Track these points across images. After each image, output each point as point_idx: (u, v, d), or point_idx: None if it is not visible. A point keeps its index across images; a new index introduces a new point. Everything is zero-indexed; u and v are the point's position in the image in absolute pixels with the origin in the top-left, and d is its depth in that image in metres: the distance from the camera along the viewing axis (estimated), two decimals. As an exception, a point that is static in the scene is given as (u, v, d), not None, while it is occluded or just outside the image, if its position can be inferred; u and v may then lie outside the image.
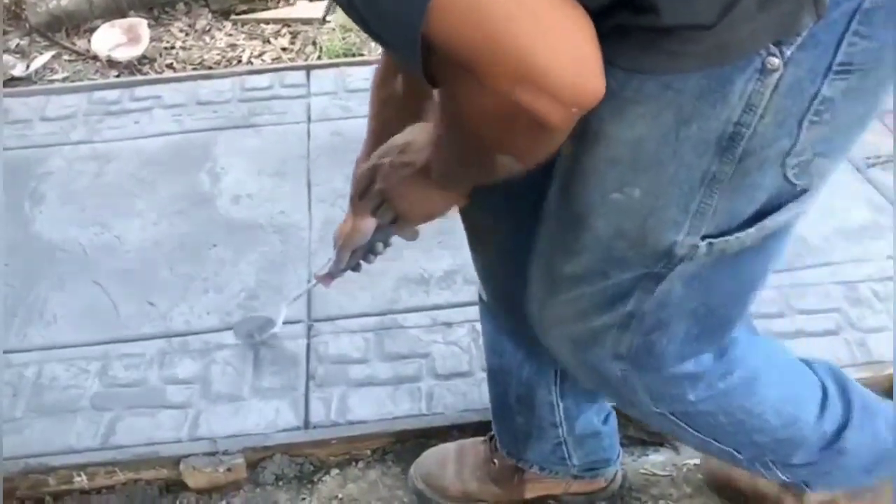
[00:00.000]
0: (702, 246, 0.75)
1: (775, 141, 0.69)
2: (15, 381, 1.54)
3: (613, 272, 0.80)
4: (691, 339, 0.88)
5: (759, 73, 0.65)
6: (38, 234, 1.87)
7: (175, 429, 1.45)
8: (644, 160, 0.71)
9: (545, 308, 0.90)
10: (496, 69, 0.59)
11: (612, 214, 0.75)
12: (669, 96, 0.67)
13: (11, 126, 2.18)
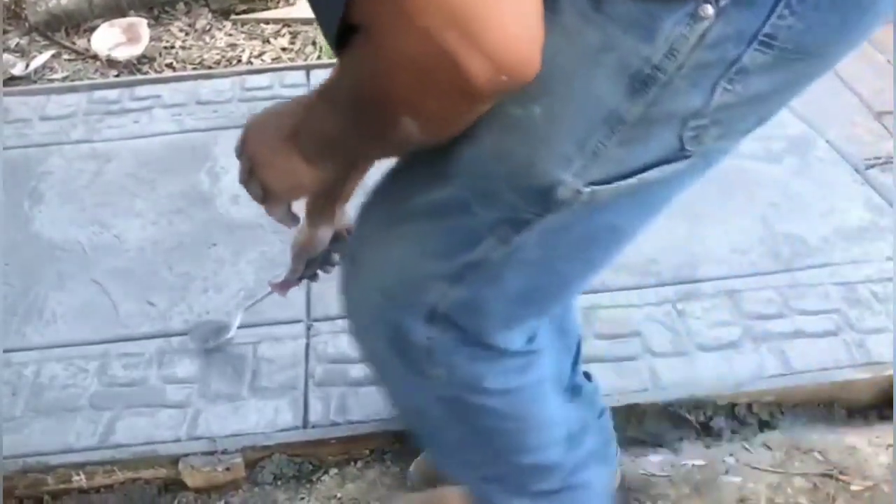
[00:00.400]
0: (584, 192, 0.70)
1: (686, 97, 0.67)
2: (14, 380, 1.54)
3: (476, 207, 0.72)
4: (521, 302, 0.81)
5: (690, 18, 0.62)
6: (37, 233, 1.87)
7: (174, 428, 1.45)
8: (554, 77, 0.65)
9: (369, 246, 0.81)
10: (431, 4, 0.54)
11: (504, 131, 0.68)
12: (598, 18, 0.63)
13: (11, 125, 2.18)
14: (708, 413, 1.49)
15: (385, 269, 0.80)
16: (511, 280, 0.78)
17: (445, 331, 0.82)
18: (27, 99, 2.28)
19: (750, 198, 1.89)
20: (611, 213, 0.75)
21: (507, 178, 0.70)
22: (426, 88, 0.60)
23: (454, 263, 0.76)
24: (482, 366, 0.86)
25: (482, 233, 0.74)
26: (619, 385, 1.51)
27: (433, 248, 0.76)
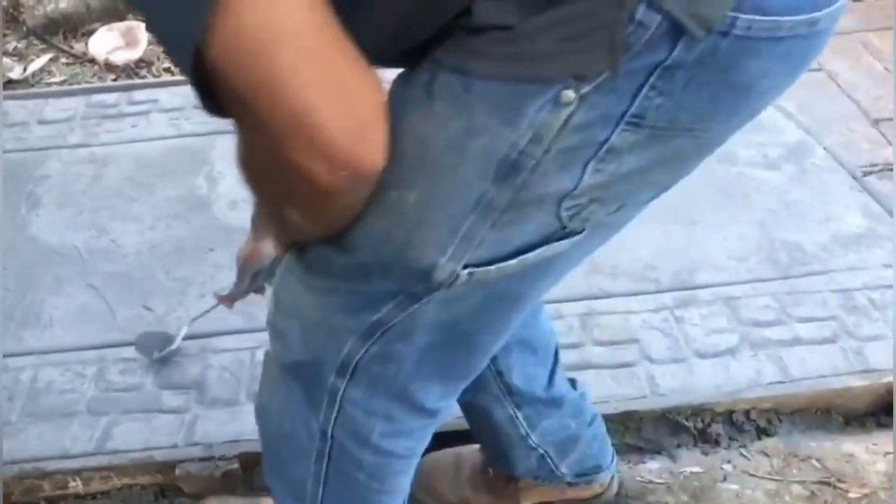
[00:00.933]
0: (462, 275, 0.71)
1: (556, 180, 0.67)
2: (11, 385, 1.54)
3: (375, 278, 0.74)
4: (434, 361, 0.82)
5: (553, 104, 0.62)
6: (34, 237, 1.86)
7: (171, 434, 1.45)
8: (426, 163, 0.67)
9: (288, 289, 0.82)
10: (271, 118, 0.55)
11: (384, 214, 0.69)
12: (466, 101, 0.64)
13: (9, 129, 2.18)
14: (706, 420, 1.49)
15: (304, 311, 0.81)
16: (420, 340, 0.79)
17: (356, 383, 0.83)
18: (25, 103, 2.28)
19: (748, 205, 1.89)
20: (507, 286, 0.76)
21: (392, 257, 0.71)
22: (288, 188, 0.62)
23: (362, 321, 0.77)
24: (378, 422, 0.87)
25: (384, 298, 0.75)
26: (617, 392, 1.51)
27: (343, 305, 0.78)
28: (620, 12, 0.58)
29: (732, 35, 0.60)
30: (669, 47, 0.60)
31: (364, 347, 0.79)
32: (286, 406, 0.90)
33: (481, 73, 0.63)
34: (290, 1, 0.53)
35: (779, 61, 0.65)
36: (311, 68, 0.54)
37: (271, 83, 0.54)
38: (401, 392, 0.84)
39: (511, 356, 1.14)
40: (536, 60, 0.61)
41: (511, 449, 1.22)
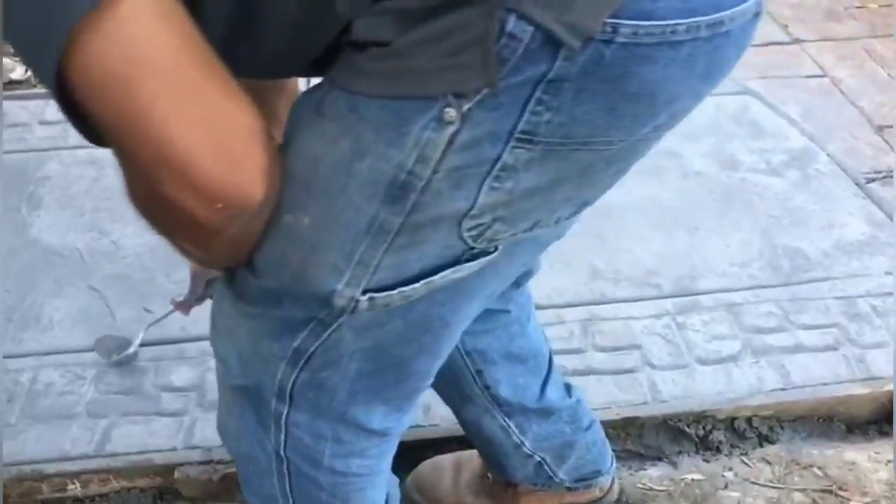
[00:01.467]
0: (362, 301, 0.69)
1: (451, 200, 0.64)
2: (10, 386, 1.53)
3: (286, 303, 0.72)
4: (368, 384, 0.80)
5: (436, 123, 0.60)
6: (35, 238, 1.86)
7: (170, 437, 1.44)
8: (317, 185, 0.65)
9: (222, 312, 0.81)
10: (137, 151, 0.54)
11: (280, 239, 0.68)
12: (352, 120, 0.62)
13: (10, 129, 2.18)
14: (707, 427, 1.49)
15: (237, 342, 0.80)
16: (349, 368, 0.77)
17: (297, 408, 0.81)
18: (26, 103, 2.27)
19: (750, 211, 1.89)
20: (426, 310, 0.74)
21: (293, 283, 0.70)
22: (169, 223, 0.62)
23: (286, 347, 0.76)
24: (327, 445, 0.86)
25: (297, 324, 0.73)
26: (619, 398, 1.50)
27: (268, 331, 0.76)
28: (490, 25, 0.56)
29: (617, 43, 0.57)
30: (549, 59, 0.57)
31: (294, 374, 0.77)
32: (240, 427, 0.88)
33: (365, 92, 0.61)
34: (153, 27, 0.52)
35: (680, 67, 0.61)
36: (173, 99, 0.53)
37: (132, 115, 0.52)
38: (342, 416, 0.83)
39: (497, 370, 1.13)
40: (416, 77, 0.59)
41: (507, 457, 1.22)
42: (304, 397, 0.80)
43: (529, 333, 1.16)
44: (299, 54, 0.65)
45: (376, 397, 0.83)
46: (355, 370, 0.77)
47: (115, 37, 0.51)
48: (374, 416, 0.84)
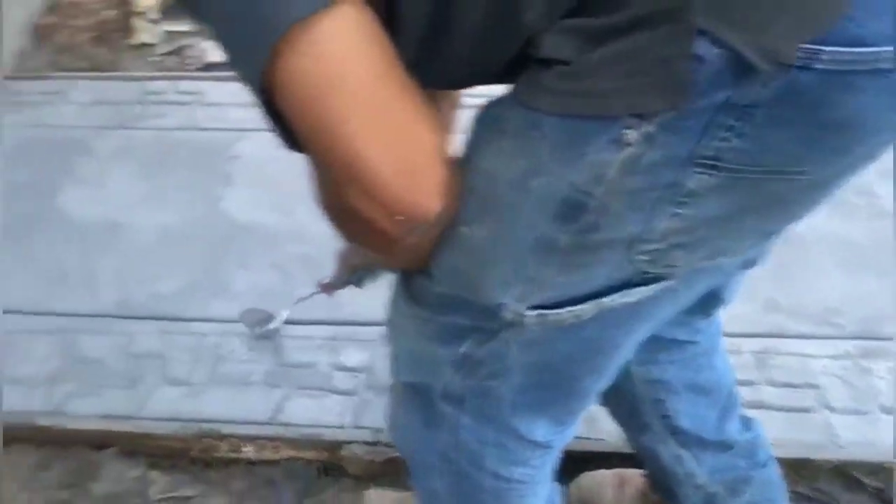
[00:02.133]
0: (530, 316, 0.69)
1: (624, 223, 0.63)
2: (196, 348, 1.63)
3: (455, 309, 0.73)
4: (532, 397, 0.80)
5: (614, 144, 0.58)
6: (225, 212, 1.97)
7: (340, 414, 1.50)
8: (493, 200, 0.65)
9: (397, 310, 0.82)
10: (329, 163, 0.57)
11: (455, 249, 0.69)
12: (532, 137, 0.61)
13: (208, 108, 2.32)
14: (886, 480, 1.41)
15: (409, 340, 0.82)
16: (514, 380, 0.77)
17: (464, 412, 0.83)
18: (224, 84, 2.41)
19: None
20: (596, 331, 0.73)
21: (463, 291, 0.71)
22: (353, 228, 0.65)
23: (453, 352, 0.77)
24: (491, 450, 0.86)
25: (465, 331, 0.74)
26: (791, 436, 1.44)
27: (436, 335, 0.77)
28: (679, 47, 0.54)
29: (816, 69, 0.54)
30: (740, 83, 0.55)
31: (460, 379, 0.79)
32: (409, 422, 0.91)
33: (545, 109, 0.60)
34: (352, 47, 0.54)
35: (888, 97, 0.57)
36: (362, 116, 0.55)
37: (325, 129, 0.55)
38: (506, 425, 0.83)
39: (679, 400, 1.11)
40: (596, 97, 0.58)
41: (678, 486, 1.19)
42: (470, 403, 0.82)
43: (715, 365, 1.13)
44: (483, 66, 0.65)
45: (540, 410, 0.84)
46: (520, 383, 0.78)
47: (315, 54, 0.53)
48: (537, 427, 0.85)
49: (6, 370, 1.59)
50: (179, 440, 1.48)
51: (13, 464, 1.46)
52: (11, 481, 1.44)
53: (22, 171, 2.11)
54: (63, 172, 2.10)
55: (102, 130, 2.23)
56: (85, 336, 1.66)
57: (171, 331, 1.67)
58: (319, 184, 0.65)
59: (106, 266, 1.83)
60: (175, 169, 2.10)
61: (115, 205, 1.99)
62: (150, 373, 1.59)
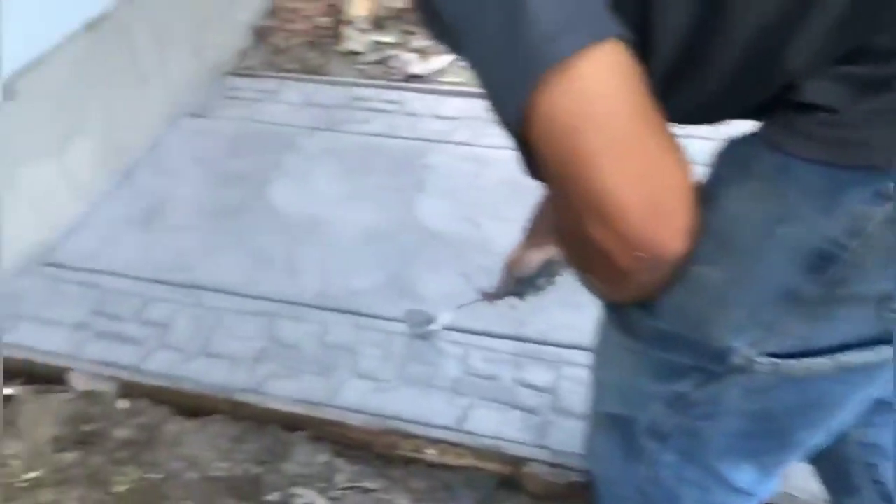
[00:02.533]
0: (762, 363, 0.66)
1: (876, 279, 0.59)
2: (387, 345, 1.69)
3: (676, 347, 0.71)
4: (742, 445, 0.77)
5: (874, 196, 0.56)
6: (417, 218, 2.03)
7: (521, 430, 1.51)
8: (735, 243, 0.63)
9: (606, 339, 0.80)
10: (574, 194, 0.57)
11: (688, 287, 0.66)
12: (781, 181, 0.59)
13: (407, 117, 2.41)
14: None
15: (617, 371, 0.80)
16: (728, 425, 0.74)
17: (667, 448, 0.80)
18: (423, 97, 2.50)
19: None
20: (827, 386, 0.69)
21: (690, 330, 0.69)
22: (589, 260, 0.64)
23: (666, 389, 0.74)
24: (691, 489, 0.82)
25: (684, 370, 0.72)
26: None
27: (649, 370, 0.75)
28: None
29: None
30: None
31: (670, 416, 0.76)
32: (607, 453, 0.89)
33: (801, 154, 0.58)
34: (609, 86, 0.55)
35: None
36: (615, 153, 0.56)
37: (576, 162, 0.56)
38: (710, 467, 0.80)
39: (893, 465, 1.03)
40: (862, 148, 0.56)
41: None
42: (676, 440, 0.79)
43: None
44: (733, 104, 0.64)
45: (748, 458, 0.80)
46: (734, 428, 0.75)
47: (572, 91, 0.55)
48: (743, 473, 0.81)
49: (213, 346, 1.71)
50: (365, 433, 1.53)
51: (213, 434, 1.56)
52: (211, 450, 1.53)
53: (235, 162, 2.26)
54: (273, 166, 2.23)
55: (310, 130, 2.36)
56: (285, 321, 1.76)
57: (363, 326, 1.74)
58: (559, 211, 0.66)
59: (307, 257, 1.92)
60: (374, 172, 2.19)
61: (318, 200, 2.09)
62: (342, 364, 1.66)
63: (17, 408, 1.61)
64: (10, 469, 1.49)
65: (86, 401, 1.63)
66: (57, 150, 2.01)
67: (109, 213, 2.09)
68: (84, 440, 1.56)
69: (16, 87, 1.85)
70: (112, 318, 1.78)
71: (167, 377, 1.64)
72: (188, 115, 2.46)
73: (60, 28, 1.98)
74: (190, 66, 2.52)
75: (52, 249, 1.98)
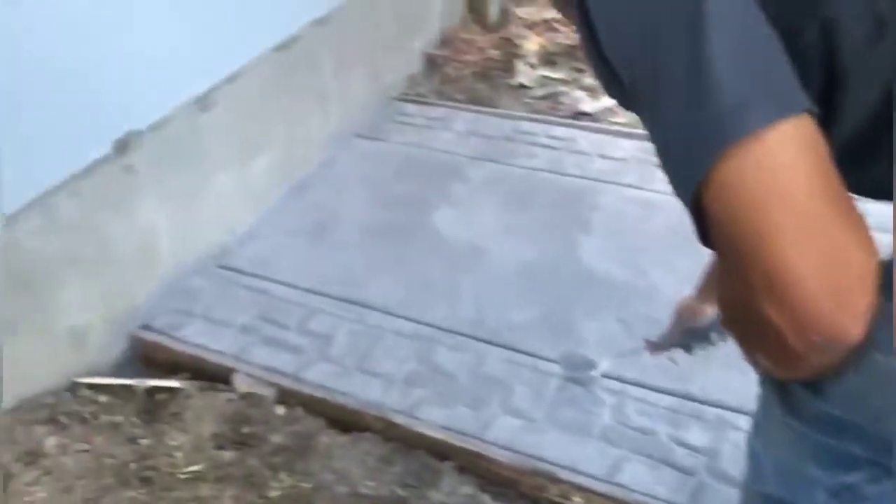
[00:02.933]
0: None
1: None
2: (539, 385, 1.67)
3: (849, 438, 0.67)
4: None
5: None
6: (579, 259, 2.01)
7: (675, 490, 1.45)
8: None
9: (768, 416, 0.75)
10: (749, 268, 0.56)
11: (867, 375, 0.62)
12: None
13: (575, 155, 2.39)
14: None
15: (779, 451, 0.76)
16: None
17: None
18: (591, 136, 2.48)
19: None
20: None
21: (866, 421, 0.65)
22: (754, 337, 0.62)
23: (833, 478, 0.70)
24: None
25: (855, 462, 0.68)
26: None
27: (815, 455, 0.71)
28: None
29: None
30: None
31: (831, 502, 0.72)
32: None
33: None
34: (795, 160, 0.54)
35: None
36: (799, 230, 0.54)
37: (756, 236, 0.55)
38: None
39: None
40: None
41: None
42: None
43: None
44: None
45: None
46: None
47: (758, 165, 0.54)
48: None
49: (369, 363, 1.74)
50: (513, 471, 1.52)
51: (364, 450, 1.59)
52: (360, 466, 1.56)
53: (401, 185, 2.32)
54: (438, 192, 2.26)
55: (476, 160, 2.39)
56: (441, 347, 1.77)
57: (518, 362, 1.72)
58: (728, 282, 0.62)
59: (465, 285, 1.93)
60: (538, 207, 2.19)
61: (480, 230, 2.10)
62: (495, 398, 1.65)
63: (184, 401, 1.69)
64: (173, 460, 1.57)
65: (246, 402, 1.69)
66: (241, 160, 2.12)
67: (281, 224, 2.19)
68: (242, 441, 1.61)
69: (211, 100, 1.97)
70: (277, 324, 1.85)
71: (324, 389, 1.69)
72: (359, 136, 2.54)
73: (254, 48, 2.10)
74: (365, 89, 2.61)
75: (227, 253, 2.08)
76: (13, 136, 1.48)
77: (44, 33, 1.52)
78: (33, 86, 1.51)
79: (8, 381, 1.60)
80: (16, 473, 1.50)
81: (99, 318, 1.78)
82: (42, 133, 1.55)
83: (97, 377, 1.75)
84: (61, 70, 1.56)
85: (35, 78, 1.51)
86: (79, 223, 1.69)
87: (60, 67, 1.56)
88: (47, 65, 1.53)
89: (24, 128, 1.51)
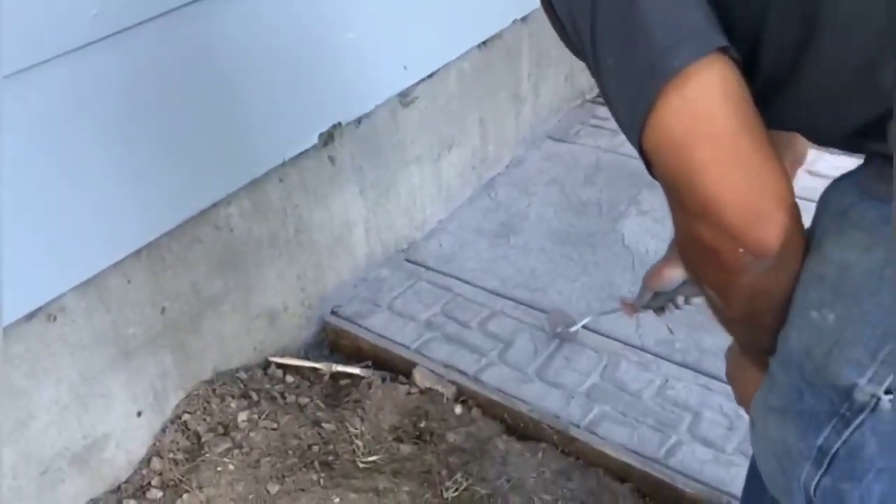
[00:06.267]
0: (885, 400, 0.66)
1: None
2: (734, 413, 1.57)
3: (807, 395, 0.71)
4: None
5: None
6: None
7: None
8: (846, 287, 0.67)
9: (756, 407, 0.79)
10: (685, 199, 0.64)
11: (805, 331, 0.70)
12: (885, 231, 0.64)
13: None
14: None
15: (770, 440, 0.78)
16: (871, 485, 0.71)
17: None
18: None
19: None
20: None
21: (815, 373, 0.70)
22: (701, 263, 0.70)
23: (810, 446, 0.72)
24: None
25: (820, 419, 0.71)
26: None
27: (793, 426, 0.74)
28: None
29: None
30: None
31: (816, 476, 0.73)
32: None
33: None
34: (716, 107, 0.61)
35: None
36: (720, 166, 0.62)
37: (685, 175, 0.63)
38: None
39: None
40: None
41: None
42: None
43: None
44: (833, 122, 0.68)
45: None
46: (879, 493, 0.72)
47: (680, 112, 0.61)
48: None
49: (550, 372, 1.70)
50: (694, 501, 1.43)
51: (540, 461, 1.55)
52: (536, 477, 1.53)
53: (590, 190, 2.26)
54: (628, 200, 2.19)
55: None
56: (626, 364, 1.70)
57: (711, 388, 1.63)
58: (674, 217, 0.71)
59: (654, 301, 1.85)
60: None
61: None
62: (682, 423, 1.57)
63: (365, 390, 1.72)
64: (353, 447, 1.60)
65: (425, 397, 1.70)
66: (435, 155, 2.14)
67: (467, 222, 2.19)
68: (420, 436, 1.62)
69: (413, 95, 2.00)
70: (458, 322, 1.85)
71: (502, 393, 1.67)
72: (550, 138, 2.50)
73: (459, 46, 2.11)
74: (559, 91, 2.57)
75: (414, 246, 2.11)
76: (232, 125, 1.56)
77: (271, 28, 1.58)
78: (255, 76, 1.58)
79: (208, 353, 1.69)
80: (207, 442, 1.59)
81: (293, 300, 1.85)
82: (257, 122, 1.62)
83: (287, 357, 1.82)
84: (284, 64, 1.62)
85: (258, 69, 1.58)
86: (283, 208, 1.75)
87: (284, 61, 1.62)
88: (271, 61, 1.60)
89: (242, 117, 1.58)
